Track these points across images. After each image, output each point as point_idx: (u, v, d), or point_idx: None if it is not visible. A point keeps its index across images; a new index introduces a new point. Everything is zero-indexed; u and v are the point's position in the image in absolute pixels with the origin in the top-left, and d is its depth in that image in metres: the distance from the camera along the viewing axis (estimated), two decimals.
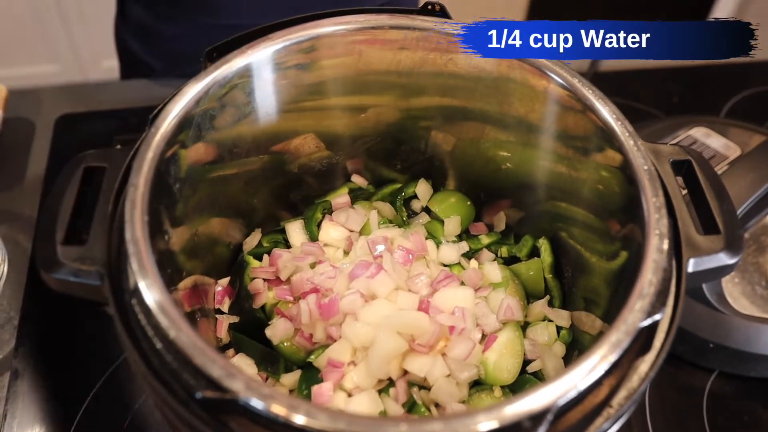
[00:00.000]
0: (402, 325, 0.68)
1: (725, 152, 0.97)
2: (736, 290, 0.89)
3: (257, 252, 0.81)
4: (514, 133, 0.76)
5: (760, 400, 0.87)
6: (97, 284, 0.55)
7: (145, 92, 1.23)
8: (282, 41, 0.69)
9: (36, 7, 2.31)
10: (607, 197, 0.67)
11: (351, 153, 0.84)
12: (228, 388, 0.47)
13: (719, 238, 0.58)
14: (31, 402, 0.83)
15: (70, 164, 0.61)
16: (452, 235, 0.83)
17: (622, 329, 0.51)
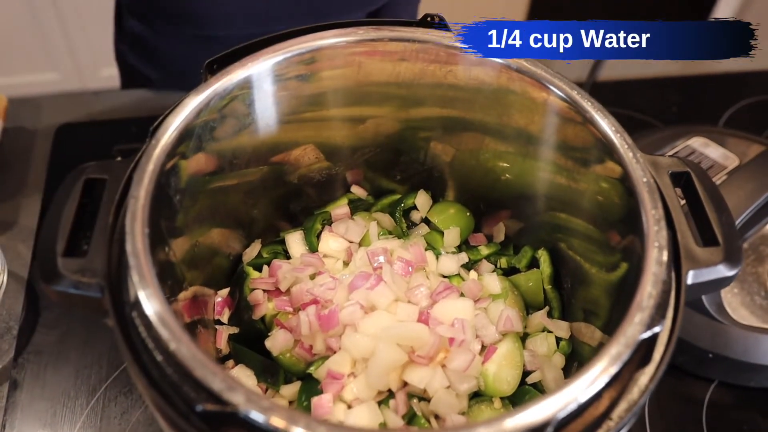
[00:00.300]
0: (402, 337, 0.68)
1: (724, 162, 0.98)
2: (736, 300, 0.89)
3: (257, 263, 0.81)
4: (513, 144, 0.76)
5: (759, 410, 0.87)
6: (98, 296, 0.55)
7: (145, 101, 1.23)
8: (282, 53, 0.69)
9: (36, 16, 2.32)
10: (607, 209, 0.67)
11: (350, 164, 0.85)
12: (228, 401, 0.47)
13: (718, 250, 0.58)
14: (30, 412, 0.83)
15: (70, 176, 0.61)
16: (452, 246, 0.83)
17: (622, 342, 0.51)
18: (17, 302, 0.92)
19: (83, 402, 0.84)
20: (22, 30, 2.36)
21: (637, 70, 1.32)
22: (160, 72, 1.28)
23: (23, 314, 0.91)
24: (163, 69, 1.28)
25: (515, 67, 0.68)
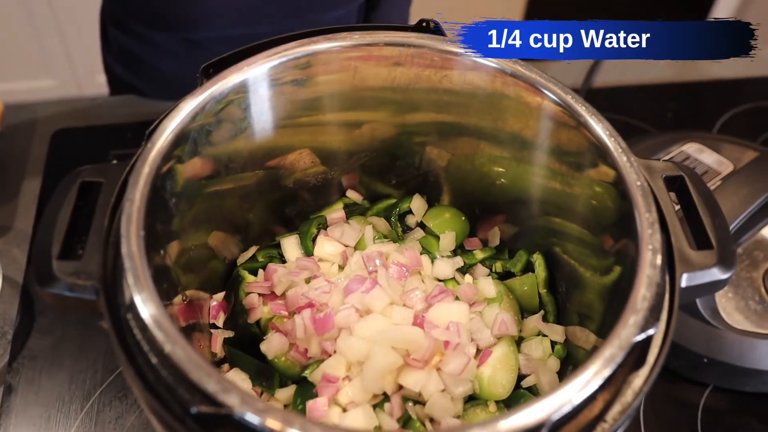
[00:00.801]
0: (397, 340, 0.68)
1: (718, 168, 0.98)
2: (730, 305, 0.89)
3: (252, 267, 0.81)
4: (508, 148, 0.77)
5: (755, 415, 0.87)
6: (93, 299, 0.55)
7: (141, 107, 1.23)
8: (278, 57, 0.69)
9: (33, 23, 2.32)
10: (601, 213, 0.68)
11: (346, 168, 0.85)
12: (223, 402, 0.47)
13: (712, 254, 0.59)
14: (25, 417, 0.82)
15: (66, 179, 0.61)
16: (447, 250, 0.84)
17: (615, 344, 0.51)
18: (12, 307, 0.92)
19: (78, 407, 0.83)
20: (20, 37, 2.37)
21: (632, 76, 1.32)
22: (147, 83, 1.29)
23: (18, 319, 0.91)
24: (150, 80, 1.29)
25: (510, 72, 0.69)
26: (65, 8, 2.29)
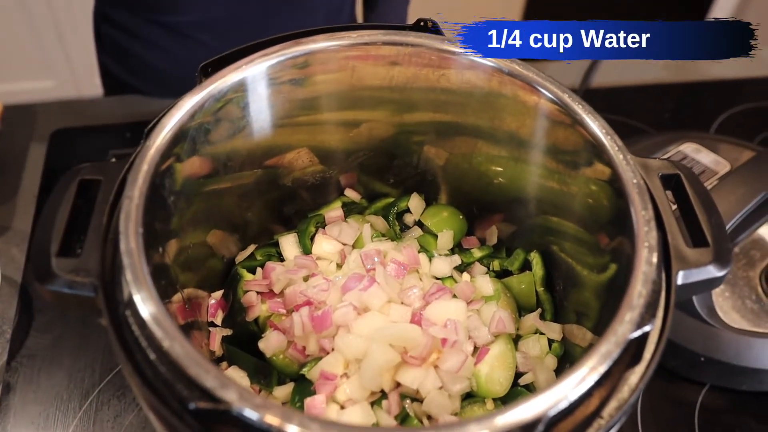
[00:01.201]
0: (394, 338, 0.68)
1: (715, 168, 0.98)
2: (727, 304, 0.89)
3: (251, 265, 0.81)
4: (505, 147, 0.77)
5: (752, 414, 0.87)
6: (91, 296, 0.55)
7: (140, 107, 1.24)
8: (276, 56, 0.69)
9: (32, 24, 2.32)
10: (597, 211, 0.68)
11: (344, 167, 0.85)
12: (221, 398, 0.47)
13: (708, 251, 0.59)
14: (23, 416, 0.82)
15: (65, 177, 0.61)
16: (445, 248, 0.84)
17: (612, 340, 0.51)
18: (11, 306, 0.92)
19: (76, 405, 0.84)
20: (19, 38, 2.37)
21: (629, 76, 1.33)
22: (139, 79, 1.29)
23: (17, 318, 0.91)
24: (141, 76, 1.29)
25: (507, 71, 0.69)
26: (64, 9, 2.29)
